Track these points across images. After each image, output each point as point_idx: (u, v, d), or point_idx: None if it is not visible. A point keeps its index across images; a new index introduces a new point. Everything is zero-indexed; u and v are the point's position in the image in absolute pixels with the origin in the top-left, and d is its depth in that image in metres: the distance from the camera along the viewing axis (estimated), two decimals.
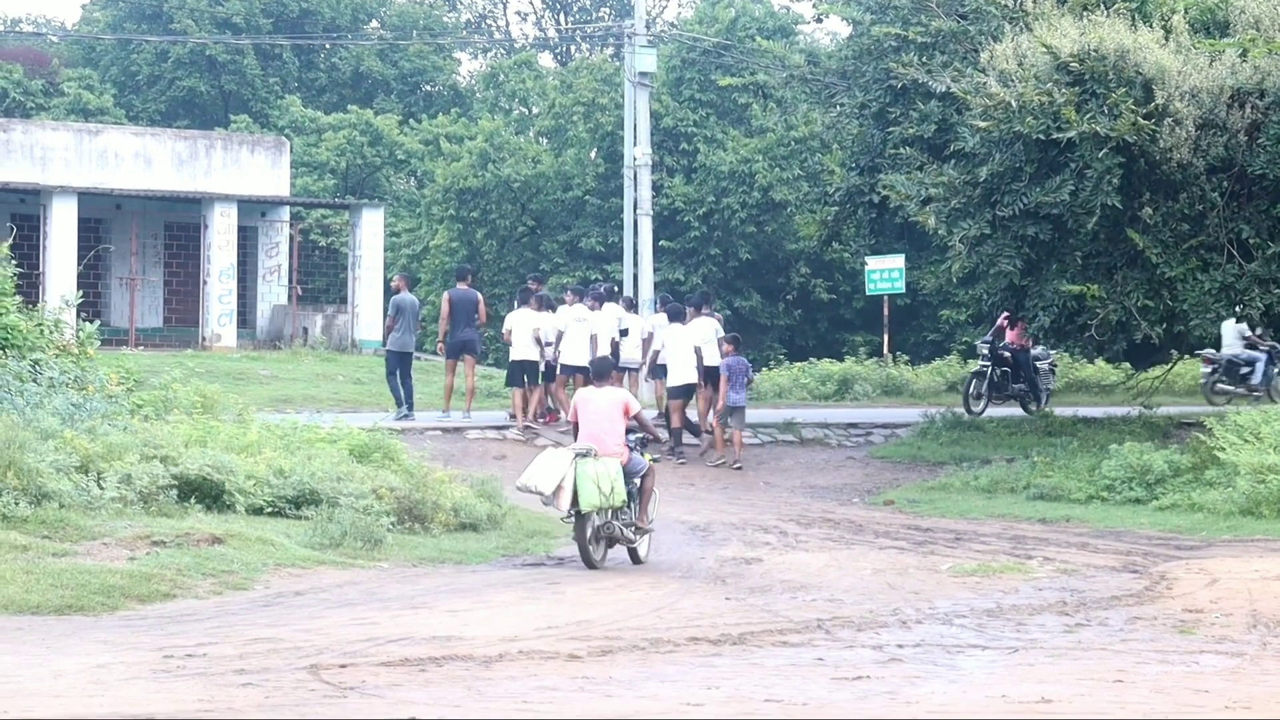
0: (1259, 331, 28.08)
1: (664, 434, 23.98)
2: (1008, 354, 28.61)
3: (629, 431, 16.39)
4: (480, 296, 27.03)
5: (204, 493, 16.64)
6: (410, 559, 15.92)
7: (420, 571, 15.40)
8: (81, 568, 13.59)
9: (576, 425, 16.50)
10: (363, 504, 16.68)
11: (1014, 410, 28.88)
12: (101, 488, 15.76)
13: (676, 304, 26.48)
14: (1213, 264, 22.98)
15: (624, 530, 16.11)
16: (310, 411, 25.47)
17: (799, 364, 38.09)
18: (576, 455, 15.76)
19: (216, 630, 11.82)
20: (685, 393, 25.03)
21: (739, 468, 24.41)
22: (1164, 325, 23.57)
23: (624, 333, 26.15)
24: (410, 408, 26.34)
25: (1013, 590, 14.33)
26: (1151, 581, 14.48)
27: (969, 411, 28.21)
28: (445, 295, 27.21)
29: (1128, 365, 28.94)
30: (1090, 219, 22.37)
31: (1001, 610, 13.23)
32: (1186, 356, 30.74)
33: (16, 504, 14.95)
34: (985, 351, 28.88)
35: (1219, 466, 19.81)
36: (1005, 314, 28.17)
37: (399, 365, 26.46)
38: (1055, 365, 30.59)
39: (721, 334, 25.27)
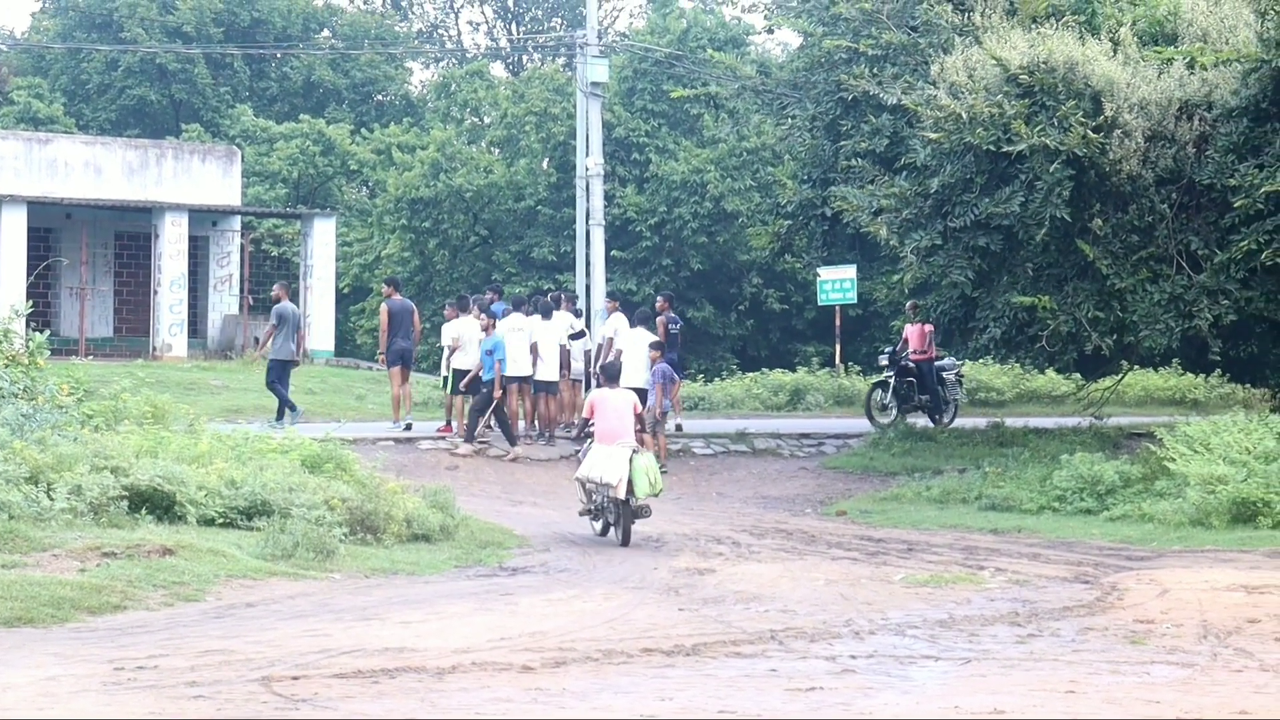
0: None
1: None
2: (910, 365, 28.61)
3: None
4: (414, 306, 27.80)
5: (155, 504, 16.53)
6: (363, 570, 15.86)
7: (373, 583, 15.34)
8: (31, 579, 13.48)
9: (587, 422, 19.04)
10: (315, 515, 16.59)
11: (965, 420, 28.96)
12: (51, 499, 15.64)
13: (645, 309, 26.82)
14: (1162, 275, 23.12)
15: (644, 509, 18.70)
16: (262, 422, 25.40)
17: (751, 374, 38.16)
18: (632, 453, 18.26)
19: (168, 642, 11.75)
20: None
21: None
22: (1114, 336, 23.68)
23: (576, 336, 26.41)
24: (293, 411, 26.12)
25: (965, 601, 14.36)
26: (1103, 592, 14.54)
27: (874, 424, 28.25)
28: (383, 307, 27.28)
29: (1078, 376, 28.96)
30: (1040, 230, 22.49)
31: (954, 621, 13.26)
32: (1136, 367, 30.87)
33: None
34: (886, 363, 28.94)
35: (1169, 477, 19.91)
36: (909, 324, 28.30)
37: (281, 372, 26.36)
38: (962, 376, 30.40)
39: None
